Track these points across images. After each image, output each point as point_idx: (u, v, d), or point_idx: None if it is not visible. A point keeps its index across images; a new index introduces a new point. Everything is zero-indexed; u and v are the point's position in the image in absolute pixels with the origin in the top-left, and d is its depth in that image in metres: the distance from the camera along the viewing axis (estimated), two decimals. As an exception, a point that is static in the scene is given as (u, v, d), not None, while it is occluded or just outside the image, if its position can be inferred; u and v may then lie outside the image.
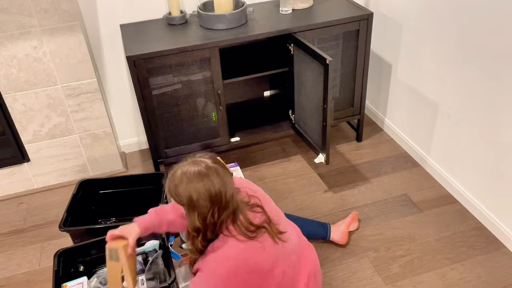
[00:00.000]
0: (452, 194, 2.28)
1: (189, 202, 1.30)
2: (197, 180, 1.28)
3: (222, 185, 1.30)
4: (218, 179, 1.30)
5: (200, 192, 1.28)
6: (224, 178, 1.32)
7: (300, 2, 2.41)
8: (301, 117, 2.44)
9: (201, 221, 1.32)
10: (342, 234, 2.03)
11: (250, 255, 1.35)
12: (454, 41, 2.03)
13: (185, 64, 2.14)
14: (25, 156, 2.38)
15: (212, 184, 1.29)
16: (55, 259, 1.74)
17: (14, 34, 2.04)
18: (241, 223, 1.35)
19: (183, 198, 1.30)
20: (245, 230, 1.35)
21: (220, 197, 1.30)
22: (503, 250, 1.97)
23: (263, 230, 1.38)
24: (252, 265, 1.35)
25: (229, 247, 1.33)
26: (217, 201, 1.30)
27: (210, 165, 1.32)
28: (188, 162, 1.34)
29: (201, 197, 1.28)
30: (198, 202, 1.29)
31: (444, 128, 2.24)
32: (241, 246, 1.34)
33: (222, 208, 1.32)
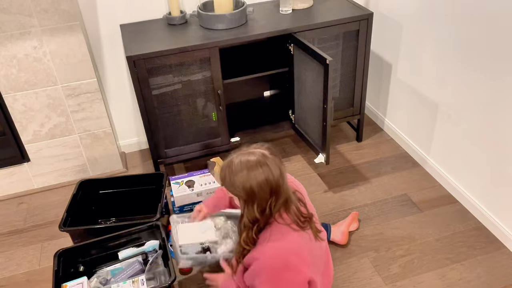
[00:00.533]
0: (452, 194, 2.28)
1: (248, 193, 1.28)
2: (257, 169, 1.27)
3: (280, 174, 1.29)
4: (276, 169, 1.29)
5: (260, 181, 1.26)
6: (281, 167, 1.31)
7: (300, 2, 2.41)
8: (301, 117, 2.44)
9: (260, 212, 1.31)
10: (343, 234, 2.03)
11: (304, 244, 1.35)
12: (454, 41, 2.03)
13: (185, 64, 2.14)
14: (25, 156, 2.38)
15: (271, 173, 1.27)
16: (55, 259, 1.74)
17: (14, 34, 2.04)
18: (294, 211, 1.36)
19: (241, 189, 1.28)
20: (297, 219, 1.35)
21: (279, 187, 1.29)
22: (503, 250, 1.97)
23: (309, 225, 1.39)
24: (306, 254, 1.35)
25: (286, 236, 1.32)
26: (276, 191, 1.29)
27: (268, 155, 1.31)
28: (244, 152, 1.32)
29: (261, 187, 1.27)
30: (258, 193, 1.27)
31: (444, 128, 2.24)
32: (297, 236, 1.34)
33: (279, 198, 1.31)
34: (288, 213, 1.35)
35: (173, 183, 2.26)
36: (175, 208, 2.23)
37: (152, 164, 2.43)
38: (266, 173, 1.27)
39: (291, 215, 1.35)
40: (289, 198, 1.36)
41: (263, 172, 1.27)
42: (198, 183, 2.25)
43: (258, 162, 1.28)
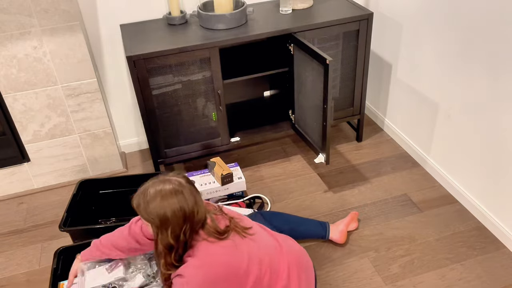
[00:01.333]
0: (452, 194, 2.28)
1: (161, 220, 1.31)
2: (171, 197, 1.30)
3: (194, 203, 1.33)
4: (191, 197, 1.33)
5: (174, 209, 1.29)
6: (196, 196, 1.35)
7: (300, 2, 2.41)
8: (301, 117, 2.44)
9: (174, 238, 1.33)
10: (341, 234, 2.03)
11: (225, 255, 1.37)
12: (454, 41, 2.03)
13: (185, 64, 2.14)
14: (25, 156, 2.38)
15: (186, 201, 1.31)
16: (55, 257, 1.75)
17: (14, 34, 2.04)
18: (209, 226, 1.38)
19: (155, 217, 1.31)
20: (214, 232, 1.37)
21: (193, 215, 1.33)
22: (503, 250, 1.97)
23: (231, 231, 1.41)
24: (229, 264, 1.36)
25: (204, 251, 1.35)
26: (190, 219, 1.32)
27: (184, 184, 1.34)
28: (160, 180, 1.35)
29: (175, 215, 1.30)
30: (172, 220, 1.30)
31: (444, 128, 2.24)
32: (215, 248, 1.36)
33: (194, 226, 1.34)
34: (204, 230, 1.38)
35: (173, 183, 2.26)
36: (175, 208, 2.23)
37: (152, 164, 2.43)
38: (181, 202, 1.30)
39: (206, 231, 1.38)
40: (205, 219, 1.39)
41: (177, 201, 1.30)
42: (198, 183, 2.25)
43: (174, 190, 1.31)
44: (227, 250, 1.38)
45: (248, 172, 2.53)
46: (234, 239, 1.41)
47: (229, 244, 1.39)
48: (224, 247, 1.38)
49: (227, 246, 1.39)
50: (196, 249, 1.36)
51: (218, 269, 1.35)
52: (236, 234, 1.43)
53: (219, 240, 1.38)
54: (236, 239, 1.42)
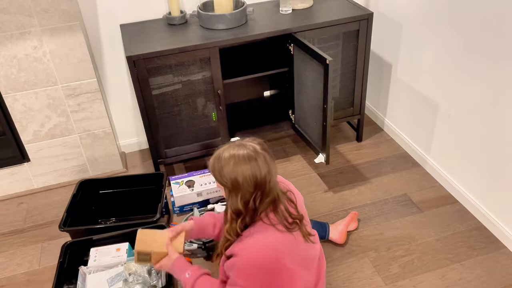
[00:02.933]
0: (452, 194, 2.28)
1: (233, 184, 1.30)
2: (245, 163, 1.28)
3: (267, 171, 1.30)
4: (265, 165, 1.30)
5: (246, 175, 1.28)
6: (270, 165, 1.32)
7: (300, 2, 2.41)
8: (301, 117, 2.44)
9: (243, 204, 1.32)
10: (341, 234, 2.03)
11: (287, 246, 1.35)
12: (454, 41, 2.03)
13: (185, 64, 2.14)
14: (25, 156, 2.38)
15: (258, 169, 1.29)
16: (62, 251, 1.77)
17: (14, 34, 2.04)
18: (281, 212, 1.36)
19: (228, 180, 1.30)
20: (284, 221, 1.36)
21: (265, 183, 1.30)
22: (503, 250, 1.97)
23: (297, 227, 1.39)
24: (287, 257, 1.35)
25: (269, 235, 1.33)
26: (261, 186, 1.30)
27: (259, 151, 1.32)
28: (236, 145, 1.33)
29: (246, 181, 1.28)
30: (242, 185, 1.29)
31: (444, 128, 2.24)
32: (280, 237, 1.34)
33: (265, 194, 1.32)
34: (275, 214, 1.36)
35: (173, 183, 2.26)
36: (175, 208, 2.23)
37: (152, 164, 2.43)
38: (254, 169, 1.28)
39: (278, 216, 1.36)
40: (278, 197, 1.37)
41: (250, 167, 1.28)
42: (198, 183, 2.25)
43: (248, 156, 1.29)
44: (290, 244, 1.36)
45: (248, 172, 2.53)
46: (298, 236, 1.39)
47: (293, 239, 1.37)
48: (289, 239, 1.36)
49: (292, 240, 1.36)
50: (260, 230, 1.34)
51: (276, 259, 1.32)
52: (300, 235, 1.40)
53: (287, 230, 1.35)
54: (299, 238, 1.39)
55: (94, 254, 1.81)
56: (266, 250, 1.31)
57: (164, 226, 1.86)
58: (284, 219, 1.36)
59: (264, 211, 1.34)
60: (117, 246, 1.83)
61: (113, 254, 1.80)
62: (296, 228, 1.38)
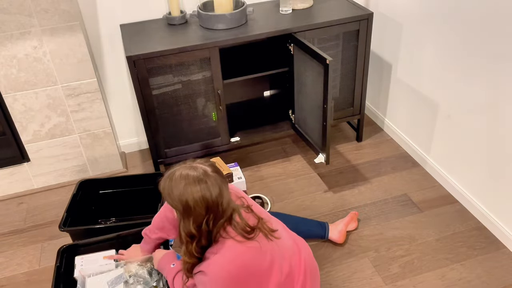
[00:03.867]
0: (452, 194, 2.28)
1: (184, 208, 1.28)
2: (195, 185, 1.27)
3: (219, 194, 1.29)
4: (215, 188, 1.29)
5: (196, 198, 1.26)
6: (222, 186, 1.31)
7: (300, 2, 2.41)
8: (301, 117, 2.44)
9: (196, 228, 1.30)
10: (340, 233, 2.03)
11: (250, 256, 1.35)
12: (454, 41, 2.03)
13: (185, 64, 2.14)
14: (25, 156, 2.38)
15: (209, 191, 1.27)
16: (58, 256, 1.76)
17: (14, 34, 2.04)
18: (237, 224, 1.35)
19: (178, 203, 1.29)
20: (242, 231, 1.35)
21: (217, 206, 1.29)
22: (503, 250, 1.97)
23: (257, 231, 1.39)
24: (253, 266, 1.36)
25: (230, 249, 1.33)
26: (213, 209, 1.29)
27: (209, 173, 1.30)
28: (187, 166, 1.32)
29: (197, 204, 1.27)
30: (194, 209, 1.27)
31: (444, 128, 2.24)
32: (241, 248, 1.34)
33: (218, 216, 1.31)
34: (231, 226, 1.35)
35: (173, 183, 2.25)
36: (175, 208, 2.23)
37: (152, 164, 2.43)
38: (203, 191, 1.27)
39: (234, 228, 1.35)
40: (232, 213, 1.35)
41: (200, 189, 1.27)
42: (198, 183, 2.24)
43: (197, 178, 1.28)
44: (253, 252, 1.35)
45: (248, 172, 2.53)
46: (260, 240, 1.38)
47: (255, 246, 1.36)
48: (250, 248, 1.35)
49: (253, 248, 1.36)
50: (221, 247, 1.33)
51: (242, 270, 1.33)
52: (263, 236, 1.40)
53: (246, 240, 1.35)
54: (262, 241, 1.39)
55: (79, 263, 1.77)
56: (232, 265, 1.31)
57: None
58: (242, 230, 1.35)
59: (220, 229, 1.34)
60: (104, 254, 1.80)
61: (100, 262, 1.77)
62: (257, 233, 1.38)
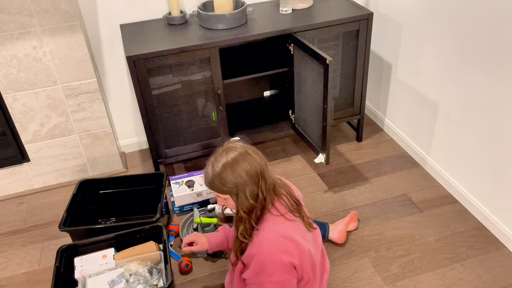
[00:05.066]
0: (452, 194, 2.28)
1: (239, 185, 1.33)
2: (242, 162, 1.33)
3: (261, 159, 1.37)
4: (256, 155, 1.36)
5: (247, 171, 1.32)
6: (259, 153, 1.39)
7: (300, 2, 2.41)
8: (301, 117, 2.44)
9: (254, 198, 1.35)
10: (340, 233, 2.03)
11: (300, 233, 1.39)
12: (454, 41, 2.03)
13: (185, 64, 2.14)
14: (25, 156, 2.38)
15: (255, 160, 1.34)
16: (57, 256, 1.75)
17: (14, 34, 2.04)
18: (285, 196, 1.41)
19: (231, 185, 1.33)
20: (290, 206, 1.40)
21: (264, 171, 1.36)
22: (503, 250, 1.98)
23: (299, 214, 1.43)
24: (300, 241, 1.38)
25: (281, 225, 1.37)
26: (262, 174, 1.35)
27: (245, 146, 1.38)
28: (221, 152, 1.37)
29: (250, 175, 1.33)
30: (248, 181, 1.33)
31: (444, 128, 2.24)
32: (291, 224, 1.38)
33: (267, 180, 1.37)
34: (280, 200, 1.40)
35: (173, 183, 2.26)
36: (175, 208, 2.23)
37: (152, 164, 2.43)
38: (251, 162, 1.33)
39: (283, 201, 1.40)
40: (276, 182, 1.42)
41: (248, 163, 1.33)
42: (198, 183, 2.25)
43: (240, 155, 1.34)
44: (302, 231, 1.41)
45: (248, 172, 2.53)
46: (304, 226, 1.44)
47: (302, 228, 1.41)
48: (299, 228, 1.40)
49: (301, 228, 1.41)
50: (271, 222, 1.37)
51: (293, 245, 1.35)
52: (303, 224, 1.44)
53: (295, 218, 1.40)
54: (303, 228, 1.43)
55: (79, 263, 1.77)
56: (283, 239, 1.35)
57: (161, 227, 1.86)
58: (289, 203, 1.41)
59: (270, 200, 1.38)
60: (103, 253, 1.80)
61: (99, 261, 1.77)
62: (299, 215, 1.43)
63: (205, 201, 2.25)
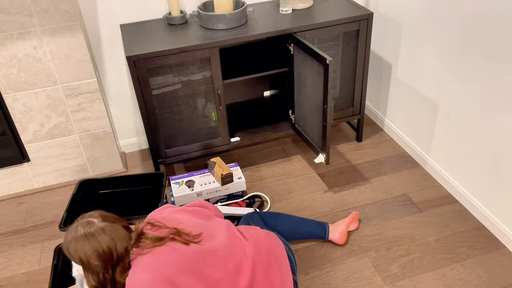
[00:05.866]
0: (452, 194, 2.28)
1: (81, 263, 1.32)
2: (83, 242, 1.29)
3: (110, 242, 1.30)
4: (105, 237, 1.30)
5: (87, 253, 1.29)
6: (112, 234, 1.32)
7: (300, 2, 2.41)
8: (301, 117, 2.44)
9: (96, 279, 1.32)
10: (341, 234, 2.03)
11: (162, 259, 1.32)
12: (454, 41, 2.03)
13: (185, 64, 2.14)
14: (25, 156, 2.38)
15: (99, 243, 1.29)
16: (55, 254, 1.75)
17: (14, 34, 2.04)
18: (145, 241, 1.34)
19: (76, 259, 1.32)
20: (150, 243, 1.33)
21: (111, 255, 1.30)
22: (503, 250, 1.98)
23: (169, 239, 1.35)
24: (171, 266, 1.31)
25: (138, 266, 1.31)
26: (108, 259, 1.30)
27: (97, 225, 1.32)
28: (76, 225, 1.34)
29: (90, 258, 1.29)
30: (88, 263, 1.30)
31: (444, 128, 2.24)
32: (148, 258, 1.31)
33: (115, 263, 1.32)
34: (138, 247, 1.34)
35: (173, 183, 2.26)
36: (175, 208, 2.23)
37: (152, 164, 2.43)
38: (94, 245, 1.29)
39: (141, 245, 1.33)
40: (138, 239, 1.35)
41: (90, 244, 1.29)
42: (198, 183, 2.25)
43: (85, 234, 1.30)
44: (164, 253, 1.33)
45: (248, 172, 2.53)
46: (173, 244, 1.35)
47: (165, 249, 1.33)
48: (158, 251, 1.33)
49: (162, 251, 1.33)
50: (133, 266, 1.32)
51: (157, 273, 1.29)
52: (176, 242, 1.35)
53: (155, 247, 1.33)
54: (176, 245, 1.35)
55: None
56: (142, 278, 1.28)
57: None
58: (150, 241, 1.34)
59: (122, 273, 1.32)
60: None
61: None
62: (165, 241, 1.35)
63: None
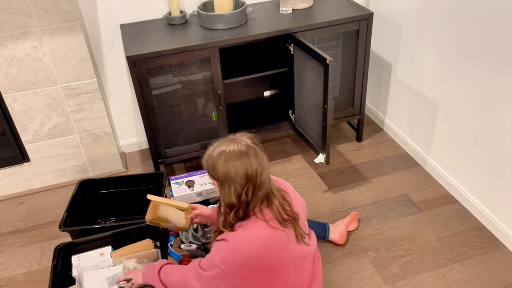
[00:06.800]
0: (452, 194, 2.28)
1: (225, 178, 1.33)
2: (236, 158, 1.32)
3: (258, 165, 1.34)
4: (256, 160, 1.34)
5: (238, 170, 1.31)
6: (262, 159, 1.36)
7: (300, 2, 2.41)
8: (301, 117, 2.44)
9: (236, 197, 1.35)
10: (341, 234, 2.03)
11: (276, 243, 1.37)
12: (454, 41, 2.03)
13: (185, 64, 2.14)
14: (25, 156, 2.38)
15: (250, 163, 1.32)
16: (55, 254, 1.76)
17: (14, 34, 2.04)
18: (276, 207, 1.38)
19: (220, 174, 1.34)
20: (278, 216, 1.37)
21: (256, 177, 1.33)
22: (503, 250, 1.98)
23: (291, 225, 1.40)
24: (273, 254, 1.37)
25: (259, 229, 1.35)
26: (252, 180, 1.33)
27: (250, 145, 1.35)
28: (227, 140, 1.38)
29: (238, 175, 1.32)
30: (235, 179, 1.32)
31: (444, 128, 2.24)
32: (270, 232, 1.35)
33: (257, 188, 1.34)
34: (270, 209, 1.38)
35: (173, 183, 2.26)
36: (175, 208, 2.23)
37: (152, 164, 2.43)
38: (245, 164, 1.32)
39: (273, 211, 1.38)
40: (271, 192, 1.39)
41: (242, 163, 1.32)
42: (198, 183, 2.25)
43: (239, 151, 1.33)
44: (279, 241, 1.37)
45: (248, 172, 2.53)
46: (290, 235, 1.40)
47: (284, 237, 1.38)
48: (278, 236, 1.37)
49: (281, 237, 1.37)
50: (252, 224, 1.36)
51: (262, 253, 1.34)
52: (294, 235, 1.41)
53: (279, 227, 1.37)
54: (292, 237, 1.40)
55: (77, 261, 1.77)
56: (254, 243, 1.34)
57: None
58: (278, 214, 1.38)
59: (257, 205, 1.37)
60: (100, 251, 1.81)
61: (97, 259, 1.77)
62: (290, 226, 1.39)
63: (205, 201, 2.25)
